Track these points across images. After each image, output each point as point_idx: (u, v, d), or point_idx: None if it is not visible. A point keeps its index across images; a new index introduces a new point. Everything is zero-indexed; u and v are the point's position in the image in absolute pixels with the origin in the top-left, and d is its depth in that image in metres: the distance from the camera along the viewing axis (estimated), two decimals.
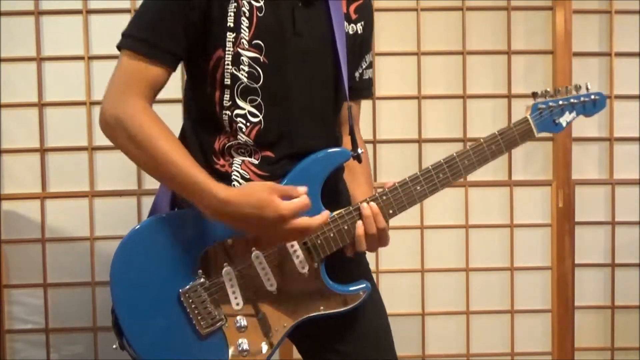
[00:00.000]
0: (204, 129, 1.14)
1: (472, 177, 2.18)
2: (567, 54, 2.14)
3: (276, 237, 1.06)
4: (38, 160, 2.08)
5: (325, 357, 1.22)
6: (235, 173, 1.12)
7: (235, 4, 1.07)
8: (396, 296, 2.19)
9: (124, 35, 1.09)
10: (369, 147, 2.15)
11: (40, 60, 2.06)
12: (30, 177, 2.09)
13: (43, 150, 2.08)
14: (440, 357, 2.22)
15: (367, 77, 1.30)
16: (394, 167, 2.16)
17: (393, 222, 2.15)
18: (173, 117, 1.15)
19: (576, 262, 2.19)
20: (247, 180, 1.12)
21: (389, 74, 2.16)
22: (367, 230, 1.12)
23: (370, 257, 2.15)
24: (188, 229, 1.09)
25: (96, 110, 2.08)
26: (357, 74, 1.27)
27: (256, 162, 1.12)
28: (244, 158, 1.12)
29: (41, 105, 2.07)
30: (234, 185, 1.11)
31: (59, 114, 2.08)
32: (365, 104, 2.14)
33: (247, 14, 1.07)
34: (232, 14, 1.07)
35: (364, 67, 1.28)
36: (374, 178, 2.15)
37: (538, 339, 2.22)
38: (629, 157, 2.21)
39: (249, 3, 1.08)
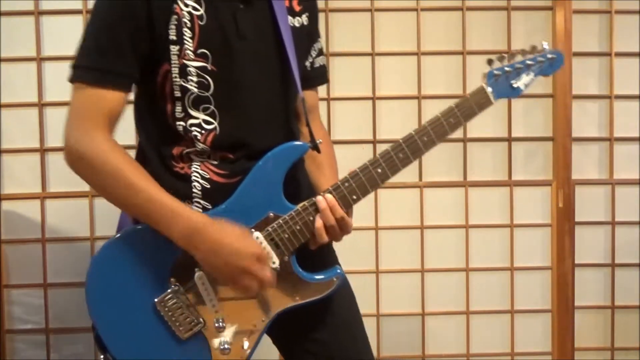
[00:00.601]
0: (160, 141, 1.14)
1: (472, 177, 2.19)
2: (567, 54, 2.14)
3: (236, 271, 1.06)
4: (38, 160, 2.08)
5: (304, 347, 1.24)
6: (195, 174, 1.12)
7: (176, 16, 1.06)
8: (396, 296, 2.19)
9: (73, 67, 1.08)
10: (369, 147, 2.15)
11: (40, 60, 2.06)
12: (30, 177, 2.09)
13: (43, 150, 2.08)
14: (440, 357, 2.22)
15: (318, 65, 1.30)
16: None
17: (393, 221, 2.16)
18: None
19: (576, 262, 2.19)
20: (206, 179, 1.12)
21: (389, 74, 2.16)
22: (326, 222, 1.13)
23: (370, 257, 2.17)
24: (157, 239, 1.08)
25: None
26: (307, 64, 1.27)
27: (215, 162, 1.13)
28: (202, 159, 1.13)
29: (41, 105, 2.07)
30: (194, 186, 1.12)
31: (59, 114, 2.07)
32: (366, 104, 2.16)
33: (188, 25, 1.07)
34: (174, 26, 1.06)
35: (314, 56, 1.29)
36: None
37: (538, 339, 2.23)
38: (629, 157, 2.21)
39: (189, 13, 1.07)
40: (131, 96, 1.18)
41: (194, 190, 1.12)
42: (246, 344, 1.13)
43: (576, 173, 2.19)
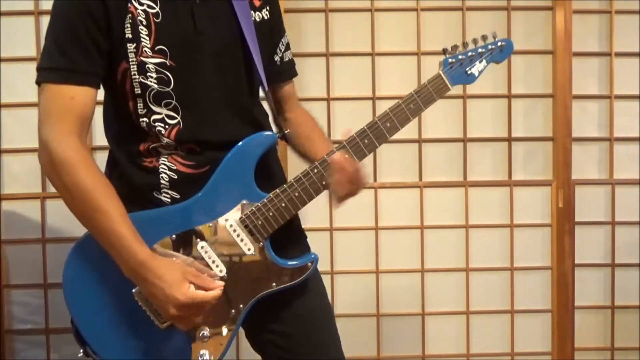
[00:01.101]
0: (126, 139, 1.16)
1: (472, 177, 2.19)
2: (567, 54, 2.14)
3: (167, 314, 1.08)
4: (38, 160, 2.08)
5: (263, 337, 1.27)
6: (163, 166, 1.14)
7: (130, 15, 1.08)
8: (396, 296, 2.19)
9: (39, 69, 1.09)
10: None
11: None
12: (30, 177, 2.09)
13: None
14: (440, 357, 2.22)
15: (287, 58, 1.33)
16: (394, 166, 2.16)
17: (393, 221, 2.16)
18: None
19: (576, 262, 2.19)
20: (173, 170, 1.14)
21: (389, 74, 2.16)
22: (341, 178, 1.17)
23: (370, 257, 2.17)
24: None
25: (96, 110, 2.08)
26: (277, 58, 1.29)
27: (182, 154, 1.15)
28: (170, 152, 1.15)
29: None
30: (161, 177, 1.14)
31: None
32: (366, 104, 2.16)
33: (144, 23, 1.08)
34: (129, 25, 1.08)
35: (282, 49, 1.31)
36: (373, 177, 2.16)
37: (538, 339, 2.23)
38: (629, 157, 2.21)
39: (145, 11, 1.09)
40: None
41: (162, 181, 1.14)
42: (225, 331, 1.15)
43: (576, 173, 2.19)
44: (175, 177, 1.14)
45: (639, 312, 2.22)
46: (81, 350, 1.16)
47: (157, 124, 1.12)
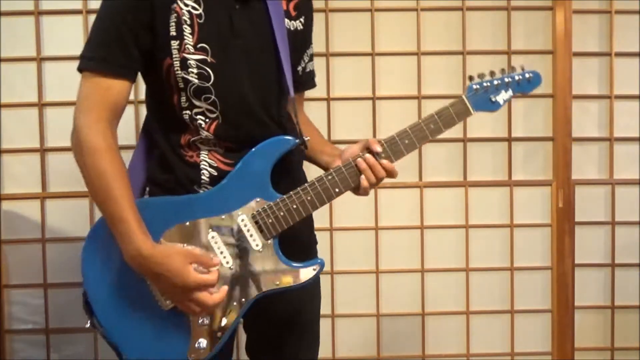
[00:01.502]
0: (169, 129, 1.22)
1: (472, 177, 2.19)
2: (567, 54, 2.14)
3: (177, 300, 1.15)
4: (38, 160, 2.08)
5: (262, 346, 1.34)
6: (204, 162, 1.21)
7: (175, 14, 1.15)
8: (396, 296, 2.19)
9: (81, 57, 1.17)
10: None
11: (40, 60, 2.06)
12: (30, 177, 2.09)
13: (43, 150, 2.08)
14: (440, 357, 2.22)
15: (309, 69, 1.39)
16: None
17: (393, 221, 2.16)
18: None
19: (576, 262, 2.19)
20: (214, 167, 1.21)
21: (389, 74, 2.16)
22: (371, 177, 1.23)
23: (370, 257, 2.17)
24: (149, 213, 1.15)
25: None
26: (299, 68, 1.34)
27: (222, 151, 1.21)
28: (210, 148, 1.21)
29: (41, 105, 2.07)
30: (202, 173, 1.20)
31: (59, 114, 2.08)
32: (366, 104, 2.16)
33: (188, 22, 1.16)
34: (174, 24, 1.15)
35: (306, 61, 1.36)
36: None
37: (538, 339, 2.23)
38: (629, 157, 2.21)
39: (189, 12, 1.16)
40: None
41: (203, 177, 1.21)
42: (224, 321, 1.18)
43: (576, 173, 2.19)
44: (215, 173, 1.20)
45: (639, 312, 2.22)
46: (88, 321, 1.21)
47: (198, 117, 1.19)
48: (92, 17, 2.04)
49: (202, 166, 1.20)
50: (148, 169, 1.27)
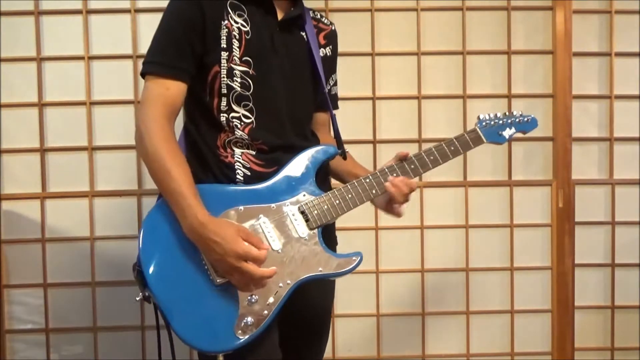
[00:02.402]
0: (206, 130, 1.36)
1: (472, 177, 2.19)
2: (567, 54, 2.14)
3: (226, 268, 1.22)
4: (38, 160, 2.08)
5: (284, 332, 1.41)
6: (238, 163, 1.34)
7: (227, 30, 1.32)
8: (396, 296, 2.19)
9: (144, 63, 1.32)
10: (369, 147, 2.16)
11: (40, 60, 2.06)
12: (30, 177, 2.09)
13: (43, 150, 2.08)
14: (440, 357, 2.22)
15: (334, 92, 1.57)
16: None
17: (393, 221, 2.16)
18: None
19: (576, 262, 2.19)
20: (247, 168, 1.34)
21: (389, 74, 2.16)
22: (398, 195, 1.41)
23: (370, 257, 2.17)
24: (206, 198, 1.25)
25: (96, 110, 2.08)
26: (325, 90, 1.49)
27: (253, 152, 1.35)
28: (243, 150, 1.35)
29: (41, 105, 2.07)
30: (237, 173, 1.33)
31: (59, 114, 2.08)
32: (365, 104, 2.16)
33: (237, 37, 1.33)
34: (225, 37, 1.32)
35: (331, 84, 1.55)
36: None
37: (538, 339, 2.23)
38: (629, 157, 2.21)
39: (239, 28, 1.33)
40: None
41: (238, 176, 1.33)
42: (271, 300, 1.26)
43: (576, 173, 2.19)
44: (249, 174, 1.34)
45: (639, 312, 2.22)
46: (140, 294, 1.25)
47: (234, 120, 1.34)
48: (92, 17, 2.07)
49: (236, 166, 1.33)
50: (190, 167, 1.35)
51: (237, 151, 1.34)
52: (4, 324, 2.09)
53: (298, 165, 1.37)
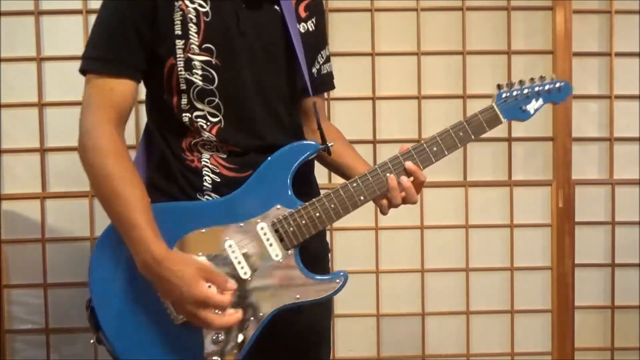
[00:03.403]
0: (169, 132, 1.17)
1: (472, 177, 2.19)
2: (567, 54, 2.14)
3: (184, 313, 1.06)
4: (38, 160, 2.08)
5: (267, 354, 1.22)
6: (205, 168, 1.15)
7: (181, 12, 1.10)
8: (396, 296, 2.19)
9: (83, 58, 1.12)
10: (369, 147, 2.15)
11: (40, 60, 2.06)
12: (30, 177, 2.09)
13: (43, 150, 2.08)
14: (440, 357, 2.22)
15: (325, 71, 1.33)
16: None
17: (393, 222, 2.16)
18: None
19: (576, 262, 2.19)
20: (216, 173, 1.15)
21: (389, 74, 2.16)
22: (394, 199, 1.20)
23: (370, 257, 2.16)
24: (160, 220, 1.08)
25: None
26: (314, 70, 1.29)
27: (224, 156, 1.15)
28: (211, 153, 1.15)
29: (41, 105, 2.07)
30: (205, 179, 1.14)
31: (59, 114, 2.08)
32: (366, 104, 2.16)
33: (194, 20, 1.11)
34: (179, 22, 1.10)
35: (321, 62, 1.31)
36: None
37: (538, 339, 2.23)
38: (629, 157, 2.21)
39: (195, 9, 1.11)
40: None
41: (205, 183, 1.15)
42: (240, 337, 1.11)
43: (576, 173, 2.19)
44: (219, 180, 1.15)
45: (639, 312, 2.22)
46: (94, 337, 1.13)
47: (199, 119, 1.13)
48: (92, 17, 2.06)
49: (204, 172, 1.15)
50: (149, 175, 1.21)
51: (205, 154, 1.15)
52: (4, 324, 2.09)
53: (270, 169, 1.14)
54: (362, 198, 1.16)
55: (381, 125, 2.16)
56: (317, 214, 1.13)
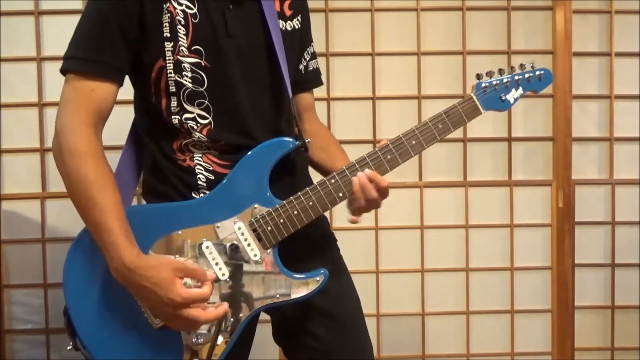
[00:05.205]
0: (159, 134, 1.16)
1: (472, 177, 2.19)
2: (567, 54, 2.14)
3: (166, 319, 1.06)
4: (38, 160, 2.08)
5: (302, 341, 1.24)
6: (198, 167, 1.15)
7: (169, 14, 1.09)
8: (396, 296, 2.19)
9: (65, 57, 1.10)
10: (369, 147, 2.15)
11: (40, 60, 2.06)
12: (30, 177, 2.09)
13: (43, 150, 2.08)
14: (440, 357, 2.22)
15: (312, 68, 1.33)
16: None
17: (393, 221, 2.16)
18: None
19: (576, 262, 2.19)
20: (210, 171, 1.15)
21: (389, 74, 2.16)
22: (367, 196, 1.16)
23: (370, 257, 2.17)
24: (137, 223, 1.07)
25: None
26: (301, 67, 1.30)
27: (216, 153, 1.16)
28: (203, 151, 1.15)
29: (41, 105, 2.07)
30: (198, 178, 1.14)
31: None
32: (366, 104, 2.16)
33: (182, 22, 1.10)
34: (167, 24, 1.09)
35: (307, 59, 1.31)
36: None
37: (538, 339, 2.23)
38: (629, 157, 2.21)
39: (183, 11, 1.10)
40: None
41: (199, 182, 1.15)
42: (220, 339, 1.09)
43: (576, 173, 2.19)
44: (212, 177, 1.15)
45: (639, 312, 2.22)
46: (71, 343, 1.12)
47: (189, 121, 1.13)
48: None
49: (197, 170, 1.15)
50: (144, 179, 1.21)
51: (197, 153, 1.15)
52: (4, 324, 2.09)
53: (246, 168, 1.13)
54: (340, 195, 1.15)
55: (381, 125, 2.16)
56: (295, 212, 1.13)
